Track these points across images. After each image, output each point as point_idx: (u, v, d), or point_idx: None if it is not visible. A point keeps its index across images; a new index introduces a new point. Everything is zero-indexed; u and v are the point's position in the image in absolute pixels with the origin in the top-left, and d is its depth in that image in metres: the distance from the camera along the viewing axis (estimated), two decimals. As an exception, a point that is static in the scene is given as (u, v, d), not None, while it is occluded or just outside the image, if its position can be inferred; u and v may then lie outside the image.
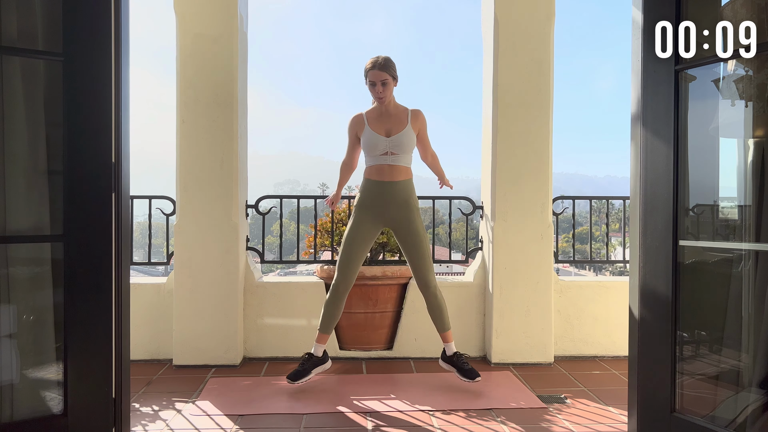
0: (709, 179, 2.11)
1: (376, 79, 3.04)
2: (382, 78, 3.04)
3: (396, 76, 3.10)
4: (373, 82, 3.06)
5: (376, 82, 3.05)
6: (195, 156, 3.55)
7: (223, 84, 3.55)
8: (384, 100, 3.09)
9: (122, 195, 2.11)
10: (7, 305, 2.04)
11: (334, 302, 3.11)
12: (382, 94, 3.06)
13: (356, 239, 3.11)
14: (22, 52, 2.06)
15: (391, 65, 3.07)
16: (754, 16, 1.84)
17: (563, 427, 2.61)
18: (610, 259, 4.32)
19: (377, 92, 3.06)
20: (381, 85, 3.04)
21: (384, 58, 3.07)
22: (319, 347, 3.15)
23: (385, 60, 3.06)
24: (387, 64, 3.05)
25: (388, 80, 3.05)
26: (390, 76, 3.06)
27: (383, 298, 3.70)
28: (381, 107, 3.15)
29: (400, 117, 3.13)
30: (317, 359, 3.14)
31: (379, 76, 3.03)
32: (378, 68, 3.03)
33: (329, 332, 3.15)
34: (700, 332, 2.16)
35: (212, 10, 3.54)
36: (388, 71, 3.05)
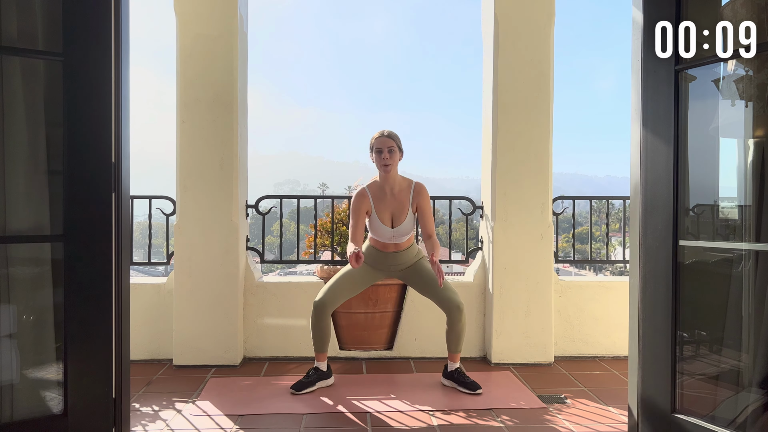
0: (709, 179, 2.11)
1: (382, 146, 3.08)
2: (389, 145, 3.08)
3: (402, 148, 3.16)
4: (380, 149, 3.09)
5: (382, 149, 3.08)
6: (195, 156, 3.55)
7: (223, 84, 3.55)
8: (389, 168, 3.09)
9: (122, 195, 2.11)
10: (7, 305, 2.04)
11: (320, 321, 3.10)
12: (388, 160, 3.08)
13: (356, 280, 3.18)
14: (22, 52, 2.06)
15: (398, 137, 3.15)
16: (754, 16, 1.84)
17: (563, 427, 2.61)
18: (610, 259, 4.32)
19: (383, 159, 3.08)
20: (387, 151, 3.08)
21: (390, 131, 3.15)
22: (321, 364, 3.17)
23: (390, 132, 3.14)
24: (393, 135, 3.14)
25: (394, 148, 3.10)
26: (396, 146, 3.11)
27: (383, 298, 3.69)
28: (384, 184, 3.14)
29: (403, 198, 3.14)
30: (322, 373, 3.16)
31: (386, 143, 3.09)
32: (385, 136, 3.11)
33: (325, 350, 3.16)
34: (700, 332, 2.16)
35: (212, 10, 3.54)
36: (395, 141, 3.11)
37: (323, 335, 3.11)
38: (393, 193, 3.15)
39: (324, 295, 3.09)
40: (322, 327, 3.10)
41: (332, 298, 3.10)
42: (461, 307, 3.05)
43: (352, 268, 3.13)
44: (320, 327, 3.09)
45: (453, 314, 3.05)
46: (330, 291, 3.11)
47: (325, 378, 3.15)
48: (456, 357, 3.15)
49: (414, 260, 3.24)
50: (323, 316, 3.08)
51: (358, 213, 3.13)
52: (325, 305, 3.08)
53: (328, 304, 3.09)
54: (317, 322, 3.09)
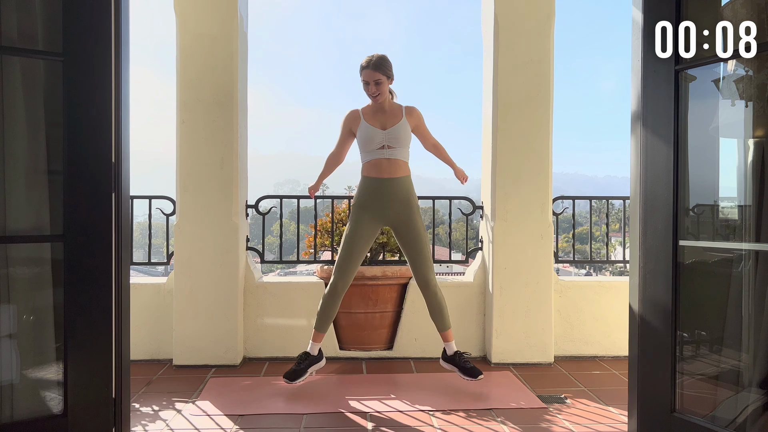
0: (709, 179, 2.11)
1: (369, 79, 3.03)
2: (376, 78, 3.02)
3: (391, 74, 3.08)
4: (367, 82, 3.05)
5: (369, 81, 3.04)
6: (195, 156, 3.55)
7: (223, 84, 3.55)
8: (378, 99, 3.07)
9: (122, 195, 2.11)
10: (7, 305, 2.04)
11: (331, 301, 3.10)
12: (375, 92, 3.05)
13: (355, 239, 3.09)
14: (22, 52, 2.06)
15: (386, 64, 3.05)
16: (754, 16, 1.84)
17: (563, 427, 2.61)
18: (610, 259, 4.32)
19: (371, 91, 3.05)
20: (374, 84, 3.03)
21: (378, 57, 3.04)
22: (314, 346, 3.14)
23: (379, 59, 3.04)
24: (381, 62, 3.02)
25: (382, 79, 3.03)
26: (384, 76, 3.03)
27: (383, 298, 3.69)
28: (376, 105, 3.14)
29: (395, 112, 3.13)
30: (313, 358, 3.13)
31: (372, 75, 3.02)
32: (371, 68, 3.01)
33: (325, 331, 3.14)
34: (700, 332, 2.16)
35: (212, 10, 3.54)
36: (382, 70, 3.02)
37: (331, 314, 3.11)
38: (384, 110, 3.13)
39: (334, 275, 3.08)
40: (333, 306, 3.09)
41: (343, 271, 3.07)
42: (430, 285, 3.07)
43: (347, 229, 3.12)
44: (331, 305, 3.09)
45: (425, 292, 3.09)
46: (339, 267, 3.08)
47: (316, 362, 3.14)
48: (448, 335, 3.13)
49: (410, 197, 3.12)
50: (337, 296, 3.08)
51: (344, 128, 3.18)
52: (336, 285, 3.07)
53: (340, 282, 3.07)
54: (330, 300, 3.08)
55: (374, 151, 3.08)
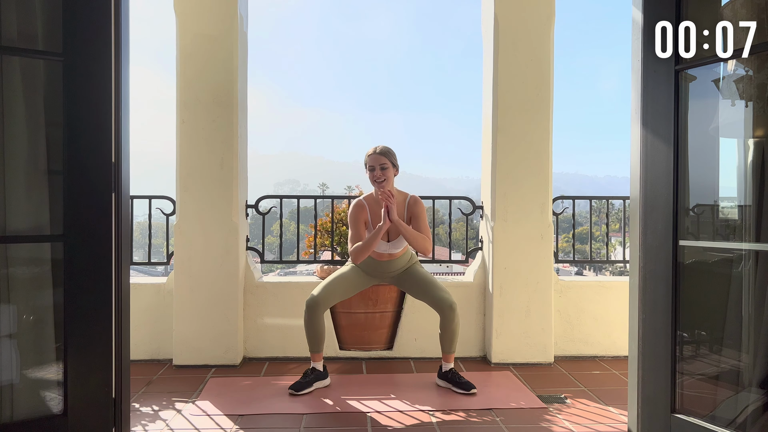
0: (709, 179, 2.11)
1: (375, 164, 3.11)
2: (381, 162, 3.10)
3: (396, 164, 3.17)
4: (372, 167, 3.11)
5: (375, 166, 3.11)
6: (195, 156, 3.55)
7: (223, 84, 3.55)
8: (383, 184, 3.11)
9: (122, 195, 2.11)
10: (7, 305, 2.04)
11: (313, 321, 3.09)
12: (380, 177, 3.09)
13: (349, 283, 3.21)
14: (22, 52, 2.06)
15: (392, 153, 3.16)
16: (754, 16, 1.84)
17: (563, 427, 2.61)
18: (610, 259, 4.32)
19: (376, 176, 3.10)
20: (380, 169, 3.09)
21: (384, 146, 3.16)
22: (317, 364, 3.16)
23: (384, 147, 3.15)
24: (387, 150, 3.15)
25: (387, 165, 3.11)
26: (390, 162, 3.12)
27: (383, 298, 3.69)
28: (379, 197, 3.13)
29: (398, 213, 3.16)
30: (319, 373, 3.16)
31: (379, 160, 3.10)
32: (378, 153, 3.12)
33: (320, 350, 3.15)
34: (700, 332, 2.16)
35: (212, 10, 3.54)
36: (388, 157, 3.12)
37: (317, 335, 3.10)
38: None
39: (317, 294, 3.09)
40: (316, 326, 3.09)
41: (325, 297, 3.10)
42: (454, 306, 3.06)
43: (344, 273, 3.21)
44: (313, 326, 3.09)
45: (446, 314, 3.06)
46: (323, 290, 3.12)
47: (321, 378, 3.15)
48: (450, 357, 3.15)
49: (407, 265, 3.28)
50: (315, 315, 3.08)
51: (356, 223, 3.18)
52: (317, 304, 3.07)
53: (321, 303, 3.08)
54: (310, 321, 3.08)
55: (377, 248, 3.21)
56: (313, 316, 3.08)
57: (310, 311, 3.08)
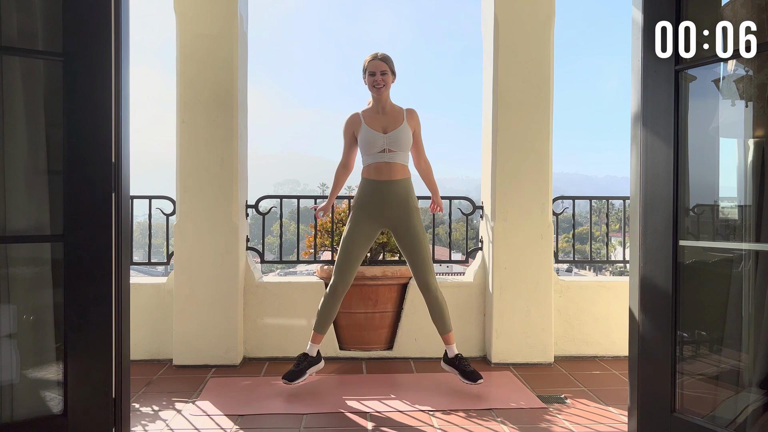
0: (709, 179, 2.11)
1: (375, 69, 3.09)
2: (381, 68, 3.09)
3: (395, 71, 3.16)
4: (373, 72, 3.09)
5: (375, 71, 3.09)
6: (195, 156, 3.55)
7: (223, 84, 3.55)
8: (382, 90, 3.10)
9: (122, 195, 2.11)
10: (7, 305, 2.04)
11: (331, 303, 3.11)
12: (381, 83, 3.09)
13: (355, 240, 3.10)
14: (22, 52, 2.06)
15: (390, 59, 3.15)
16: (754, 16, 1.84)
17: (563, 427, 2.61)
18: (610, 259, 4.32)
19: (376, 81, 3.09)
20: (380, 74, 3.09)
21: (383, 53, 3.15)
22: (313, 347, 3.15)
23: (384, 54, 3.15)
24: (386, 57, 3.14)
25: (387, 71, 3.10)
26: (389, 69, 3.11)
27: (383, 298, 3.69)
28: (377, 105, 3.16)
29: (396, 115, 3.15)
30: (312, 359, 3.14)
31: (379, 66, 3.09)
32: (378, 59, 3.11)
33: (324, 332, 3.15)
34: (700, 332, 2.16)
35: (212, 10, 3.54)
36: (388, 63, 3.12)
37: (330, 316, 3.12)
38: (385, 111, 3.15)
39: (334, 277, 3.10)
40: (333, 308, 3.11)
41: (343, 272, 3.08)
42: (431, 288, 3.07)
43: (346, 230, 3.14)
44: (330, 307, 3.10)
45: (425, 295, 3.09)
46: (338, 268, 3.10)
47: (314, 364, 3.15)
48: (450, 338, 3.14)
49: (409, 199, 3.13)
50: (337, 298, 3.10)
51: (345, 134, 3.19)
52: (336, 287, 3.08)
53: (340, 284, 3.08)
54: (330, 301, 3.10)
55: (375, 154, 3.10)
56: (335, 297, 3.09)
57: (333, 293, 3.09)
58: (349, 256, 3.10)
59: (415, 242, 3.10)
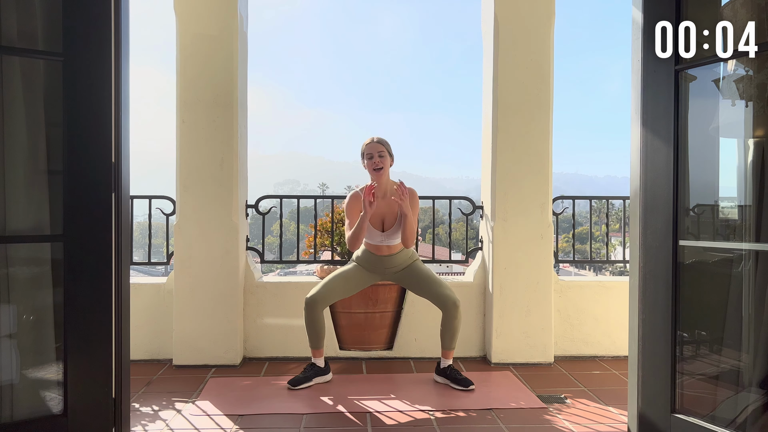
0: (709, 179, 2.11)
1: (373, 152, 3.17)
2: (379, 150, 3.17)
3: (392, 153, 3.24)
4: (371, 155, 3.17)
5: (373, 154, 3.17)
6: (195, 156, 3.55)
7: (223, 84, 3.55)
8: (380, 172, 3.17)
9: (122, 195, 2.11)
10: (7, 305, 2.04)
11: (312, 318, 3.14)
12: (379, 164, 3.15)
13: (350, 282, 3.24)
14: (22, 52, 2.06)
15: (387, 143, 3.24)
16: (754, 16, 1.84)
17: (563, 427, 2.61)
18: (610, 259, 4.33)
19: (374, 163, 3.16)
20: (378, 156, 3.16)
21: (380, 137, 3.24)
22: (318, 360, 3.20)
23: (381, 138, 3.25)
24: (383, 140, 3.23)
25: (384, 153, 3.19)
26: (386, 151, 3.19)
27: (383, 298, 3.69)
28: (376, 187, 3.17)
29: (393, 203, 3.18)
30: (320, 369, 3.19)
31: (376, 148, 3.18)
32: (375, 142, 3.19)
33: (320, 346, 3.19)
34: (700, 332, 2.16)
35: (212, 10, 3.54)
36: (385, 146, 3.20)
37: (317, 331, 3.15)
38: (385, 195, 3.22)
39: (316, 292, 3.14)
40: (315, 323, 3.14)
41: (324, 295, 3.14)
42: (457, 303, 3.09)
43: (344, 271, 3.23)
44: (313, 323, 3.14)
45: (449, 311, 3.09)
46: (323, 288, 3.15)
47: (322, 374, 3.18)
48: (450, 354, 3.17)
49: (408, 262, 3.28)
50: (315, 313, 3.13)
51: (351, 213, 3.24)
52: (316, 302, 3.12)
53: (320, 301, 3.13)
54: (309, 318, 3.13)
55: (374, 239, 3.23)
56: (312, 313, 3.12)
57: (309, 309, 3.12)
58: (340, 288, 3.22)
59: (423, 280, 3.21)
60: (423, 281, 3.20)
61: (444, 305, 3.10)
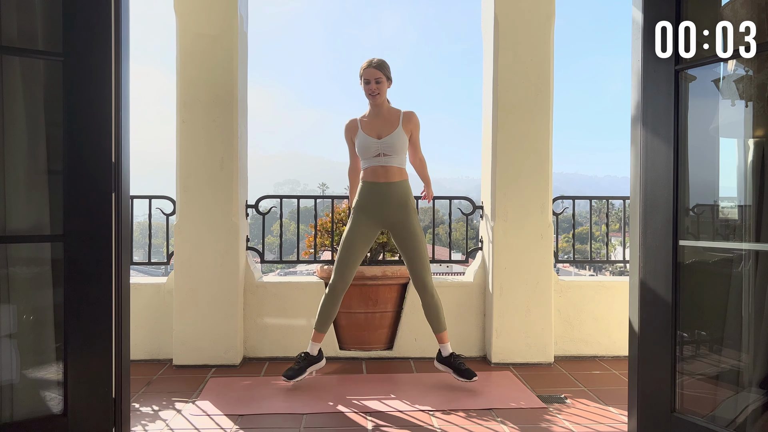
0: (709, 179, 2.11)
1: (370, 77, 3.11)
2: (376, 76, 3.10)
3: (390, 77, 3.17)
4: (368, 80, 3.12)
5: (370, 79, 3.11)
6: (195, 156, 3.55)
7: (223, 84, 3.55)
8: (377, 98, 3.13)
9: (122, 195, 2.11)
10: (7, 305, 2.04)
11: (331, 302, 3.14)
12: (375, 91, 3.11)
13: (354, 240, 3.13)
14: (22, 52, 2.06)
15: (386, 66, 3.15)
16: (754, 16, 1.84)
17: (563, 427, 2.61)
18: (610, 259, 4.33)
19: (371, 89, 3.11)
20: (375, 82, 3.11)
21: (379, 59, 3.15)
22: (314, 346, 3.17)
23: (379, 60, 3.15)
24: (381, 64, 3.13)
25: (382, 79, 3.12)
26: (384, 76, 3.13)
27: (383, 298, 3.69)
28: (374, 110, 3.19)
29: (392, 119, 3.16)
30: (312, 358, 3.17)
31: (373, 74, 3.10)
32: (373, 67, 3.11)
33: (325, 331, 3.18)
34: (700, 332, 2.16)
35: (212, 10, 3.54)
36: (383, 70, 3.12)
37: (331, 315, 3.15)
38: (381, 115, 3.17)
39: (334, 276, 3.13)
40: (333, 306, 3.14)
41: (342, 271, 3.11)
42: (427, 287, 3.12)
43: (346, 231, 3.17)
44: (331, 306, 3.13)
45: (422, 294, 3.14)
46: (338, 268, 3.13)
47: (316, 362, 3.18)
48: (444, 336, 3.17)
49: (406, 201, 3.15)
50: (336, 297, 3.13)
51: (347, 139, 3.27)
52: (336, 286, 3.12)
53: (339, 283, 3.11)
54: (330, 300, 3.13)
55: (371, 158, 3.14)
56: (333, 297, 3.13)
57: (332, 293, 3.12)
58: (349, 256, 3.12)
59: (412, 242, 3.12)
60: (412, 251, 3.12)
61: (422, 291, 3.13)
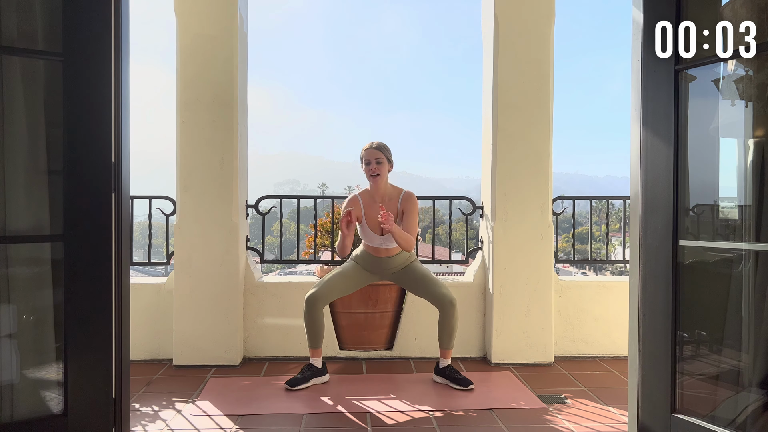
0: (709, 179, 2.11)
1: (371, 158, 3.17)
2: (377, 156, 3.17)
3: (391, 159, 3.24)
4: (368, 161, 3.18)
5: (370, 160, 3.17)
6: (195, 156, 3.55)
7: (223, 84, 3.55)
8: (377, 179, 3.18)
9: (122, 195, 2.11)
10: (7, 305, 2.04)
11: (311, 315, 3.14)
12: (376, 171, 3.16)
13: (349, 280, 3.25)
14: (22, 52, 2.06)
15: (387, 148, 3.23)
16: (754, 16, 1.84)
17: (563, 427, 2.61)
18: (610, 259, 4.32)
19: (371, 170, 3.17)
20: (375, 163, 3.16)
21: (379, 142, 3.24)
22: (315, 360, 3.20)
23: (380, 143, 3.23)
24: (382, 146, 3.22)
25: (383, 159, 3.18)
26: (384, 157, 3.19)
27: (383, 298, 3.69)
28: (374, 193, 3.24)
29: (392, 207, 3.22)
30: (317, 370, 3.19)
31: (374, 154, 3.18)
32: (373, 148, 3.19)
33: (318, 346, 3.19)
34: (700, 332, 2.16)
35: (212, 10, 3.54)
36: (383, 152, 3.20)
37: (316, 330, 3.15)
38: (383, 200, 3.24)
39: (316, 290, 3.14)
40: (315, 321, 3.14)
41: (324, 293, 3.15)
42: (454, 302, 3.10)
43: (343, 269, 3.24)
44: (313, 321, 3.14)
45: (446, 310, 3.09)
46: (322, 286, 3.16)
47: (319, 375, 3.18)
48: (448, 353, 3.18)
49: (406, 263, 3.29)
50: (314, 311, 3.13)
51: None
52: (316, 300, 3.12)
53: (319, 299, 3.13)
54: (309, 316, 3.13)
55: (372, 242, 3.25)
56: (312, 311, 3.12)
57: (309, 306, 3.13)
58: (340, 286, 3.22)
59: (421, 281, 3.21)
60: (420, 281, 3.20)
61: (441, 304, 3.10)
